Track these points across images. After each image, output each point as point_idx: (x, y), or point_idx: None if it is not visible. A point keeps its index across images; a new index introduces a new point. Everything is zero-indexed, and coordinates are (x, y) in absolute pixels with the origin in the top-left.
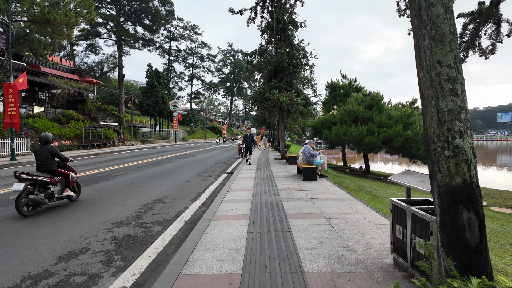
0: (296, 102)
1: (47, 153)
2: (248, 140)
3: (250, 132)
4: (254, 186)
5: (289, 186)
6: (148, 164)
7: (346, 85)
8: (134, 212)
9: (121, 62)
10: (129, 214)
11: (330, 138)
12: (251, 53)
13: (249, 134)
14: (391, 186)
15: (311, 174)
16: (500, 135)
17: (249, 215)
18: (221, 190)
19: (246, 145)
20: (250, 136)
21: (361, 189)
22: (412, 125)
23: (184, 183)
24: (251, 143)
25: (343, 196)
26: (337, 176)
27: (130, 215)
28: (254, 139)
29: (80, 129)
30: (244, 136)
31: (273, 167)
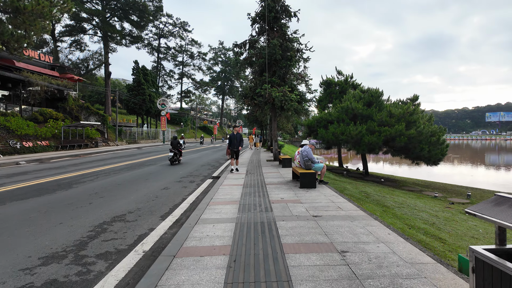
0: (291, 98)
1: (176, 143)
2: (235, 141)
3: (238, 131)
4: (241, 197)
5: (284, 196)
6: (126, 167)
7: (342, 82)
8: (80, 237)
9: (108, 59)
10: (72, 241)
11: (326, 138)
12: (240, 44)
13: (236, 133)
14: (395, 191)
15: (310, 181)
16: (488, 134)
17: (231, 246)
18: (201, 203)
19: (233, 147)
20: (238, 136)
21: (367, 197)
22: (415, 124)
23: (160, 191)
24: (239, 144)
25: (352, 211)
26: (336, 180)
27: (72, 242)
28: (241, 141)
29: (59, 129)
30: (230, 135)
31: (265, 171)
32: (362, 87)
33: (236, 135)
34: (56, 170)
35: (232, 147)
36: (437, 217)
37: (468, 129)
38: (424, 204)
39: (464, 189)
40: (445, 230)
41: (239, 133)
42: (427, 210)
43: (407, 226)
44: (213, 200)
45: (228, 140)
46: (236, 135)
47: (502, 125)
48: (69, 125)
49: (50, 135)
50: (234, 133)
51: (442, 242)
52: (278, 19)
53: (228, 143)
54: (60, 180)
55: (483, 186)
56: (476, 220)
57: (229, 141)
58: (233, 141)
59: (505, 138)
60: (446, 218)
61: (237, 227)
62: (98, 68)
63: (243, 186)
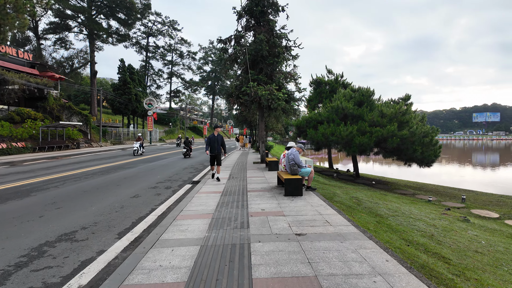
0: (278, 97)
1: (188, 141)
2: (216, 144)
3: (218, 132)
4: (217, 208)
5: (265, 207)
6: (101, 171)
7: (332, 81)
8: (4, 266)
9: (94, 57)
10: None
11: (316, 139)
12: (225, 39)
13: (216, 135)
14: (388, 195)
15: (296, 188)
16: (475, 134)
17: (185, 284)
18: (167, 217)
19: (212, 151)
20: (219, 138)
21: (358, 205)
22: (407, 124)
23: (128, 200)
24: (220, 148)
25: (343, 227)
26: (325, 184)
27: None
28: (223, 143)
29: (37, 129)
30: (209, 137)
31: (250, 175)
32: (353, 86)
33: (216, 137)
34: (24, 174)
35: (211, 151)
36: (435, 226)
37: (456, 129)
38: (419, 211)
39: (456, 191)
40: (446, 244)
41: (220, 134)
42: (423, 218)
43: (405, 242)
44: (183, 212)
45: (206, 143)
46: (217, 137)
47: (489, 125)
48: (48, 125)
49: (27, 136)
50: (214, 135)
51: (447, 262)
52: (265, 13)
53: (207, 145)
54: (20, 187)
55: (474, 187)
56: (476, 229)
57: (207, 144)
58: (213, 144)
59: (491, 138)
60: (445, 227)
61: (201, 252)
62: (83, 67)
63: (222, 194)
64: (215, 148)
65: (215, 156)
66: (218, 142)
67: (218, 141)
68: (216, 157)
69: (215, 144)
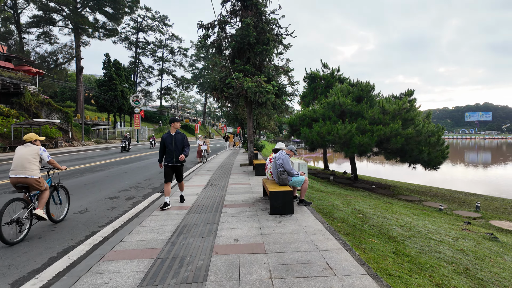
0: (266, 90)
1: None
2: (174, 148)
3: (178, 129)
4: (172, 236)
5: (241, 235)
6: (66, 174)
7: (327, 76)
8: None
9: (79, 53)
10: None
11: (310, 138)
12: (207, 25)
13: (175, 133)
14: (393, 204)
15: (285, 204)
16: (468, 133)
17: None
18: (89, 256)
19: (170, 160)
20: (179, 138)
21: (364, 222)
22: (412, 122)
23: (70, 216)
24: (181, 153)
25: (354, 279)
26: (321, 192)
27: None
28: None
29: (8, 127)
30: (163, 138)
31: (232, 181)
32: (351, 81)
33: (174, 137)
34: None
35: (167, 159)
36: (464, 252)
37: (449, 128)
38: (436, 227)
39: (463, 196)
40: (489, 283)
41: (181, 132)
42: (444, 238)
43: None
44: (120, 245)
45: (160, 147)
46: (175, 136)
47: (481, 124)
48: (20, 122)
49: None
50: (170, 133)
51: None
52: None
53: (160, 152)
54: None
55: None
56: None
57: (161, 148)
58: (169, 149)
59: (484, 138)
60: (475, 252)
61: None
62: (68, 63)
63: (189, 210)
64: (173, 154)
65: (175, 168)
66: (177, 145)
67: (178, 144)
68: (176, 169)
69: (173, 148)
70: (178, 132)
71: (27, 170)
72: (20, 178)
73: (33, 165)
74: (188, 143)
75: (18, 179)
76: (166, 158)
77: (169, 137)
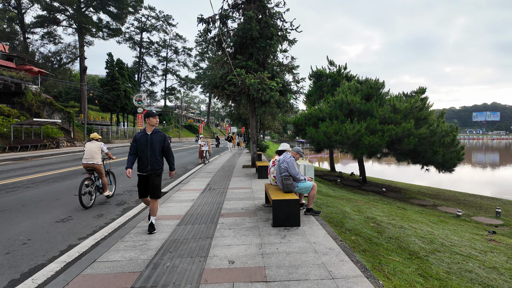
0: (270, 87)
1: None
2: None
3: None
4: (156, 255)
5: (237, 254)
6: (60, 175)
7: (334, 73)
8: None
9: (83, 52)
10: None
11: (316, 138)
12: (207, 19)
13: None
14: (408, 210)
15: (290, 215)
16: (475, 133)
17: None
18: (50, 284)
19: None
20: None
21: (380, 233)
22: (425, 121)
23: (47, 227)
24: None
25: None
26: (330, 196)
27: None
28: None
29: (8, 127)
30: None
31: (233, 185)
32: (359, 79)
33: (151, 137)
34: None
35: (141, 167)
36: (498, 270)
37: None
38: (459, 238)
39: (479, 199)
40: None
41: (159, 131)
42: (472, 252)
43: None
44: (91, 268)
45: (130, 148)
46: (152, 136)
47: (489, 124)
48: (21, 122)
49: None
50: (146, 132)
51: None
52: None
53: (129, 155)
54: None
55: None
56: None
57: (131, 151)
58: (143, 152)
59: (492, 138)
60: (510, 270)
61: None
62: (72, 63)
63: (180, 221)
64: (147, 161)
65: (149, 177)
66: (154, 149)
67: (155, 146)
68: (150, 179)
69: (148, 152)
70: (156, 131)
71: (94, 158)
72: (90, 163)
73: (98, 155)
74: (169, 146)
75: (88, 164)
76: (139, 165)
77: (143, 137)
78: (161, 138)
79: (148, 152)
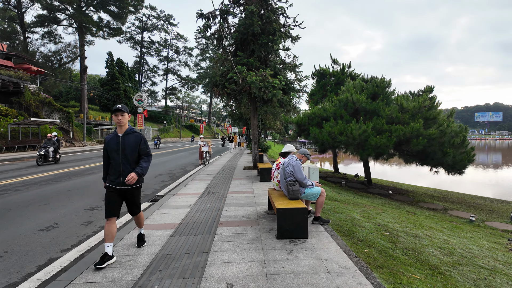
0: (272, 85)
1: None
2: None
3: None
4: (143, 276)
5: (238, 273)
6: (54, 177)
7: (338, 72)
8: None
9: (83, 52)
10: None
11: (321, 139)
12: (207, 14)
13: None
14: (419, 215)
15: (297, 226)
16: (477, 134)
17: None
18: None
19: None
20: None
21: (394, 244)
22: (435, 121)
23: (31, 236)
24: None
25: None
26: (336, 200)
27: None
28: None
29: (5, 127)
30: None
31: (234, 188)
32: (364, 77)
33: (123, 138)
34: None
35: (112, 179)
36: None
37: None
38: (477, 247)
39: (489, 202)
40: None
41: (135, 131)
42: (496, 265)
43: None
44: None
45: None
46: (124, 138)
47: (491, 125)
48: (18, 122)
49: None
50: (117, 134)
51: None
52: None
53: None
54: None
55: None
56: None
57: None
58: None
59: (495, 138)
60: None
61: None
62: (72, 62)
63: (174, 231)
64: (119, 169)
65: (124, 193)
66: (127, 154)
67: (128, 151)
68: (126, 194)
69: (119, 159)
70: (130, 131)
71: None
72: None
73: None
74: (146, 150)
75: None
76: (110, 175)
77: (113, 139)
78: (137, 141)
79: (119, 158)
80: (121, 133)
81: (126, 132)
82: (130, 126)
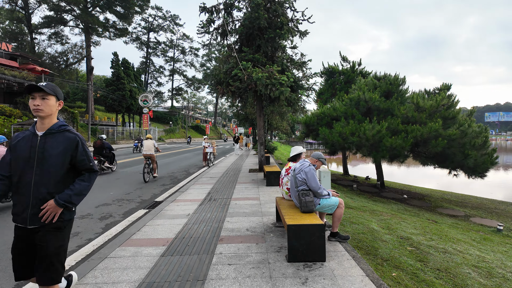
0: (280, 82)
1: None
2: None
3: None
4: None
5: None
6: None
7: (347, 70)
8: None
9: (90, 52)
10: None
11: (331, 140)
12: (211, 8)
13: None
14: (441, 224)
15: (311, 247)
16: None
17: None
18: None
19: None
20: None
21: (423, 263)
22: (454, 120)
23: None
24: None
25: None
26: (350, 208)
27: None
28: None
29: (9, 127)
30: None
31: (237, 194)
32: (376, 74)
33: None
34: None
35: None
36: None
37: None
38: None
39: (511, 207)
40: None
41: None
42: None
43: None
44: None
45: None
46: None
47: (502, 125)
48: (21, 123)
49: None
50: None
51: None
52: None
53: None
54: None
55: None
56: None
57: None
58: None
59: (506, 139)
60: None
61: None
62: (79, 63)
63: (167, 248)
64: (29, 193)
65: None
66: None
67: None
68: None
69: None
70: (58, 128)
71: (150, 150)
72: (147, 154)
73: (153, 148)
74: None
75: (146, 154)
76: (13, 205)
77: (24, 141)
78: (68, 145)
79: (32, 174)
80: (42, 130)
81: (50, 130)
82: (61, 120)
